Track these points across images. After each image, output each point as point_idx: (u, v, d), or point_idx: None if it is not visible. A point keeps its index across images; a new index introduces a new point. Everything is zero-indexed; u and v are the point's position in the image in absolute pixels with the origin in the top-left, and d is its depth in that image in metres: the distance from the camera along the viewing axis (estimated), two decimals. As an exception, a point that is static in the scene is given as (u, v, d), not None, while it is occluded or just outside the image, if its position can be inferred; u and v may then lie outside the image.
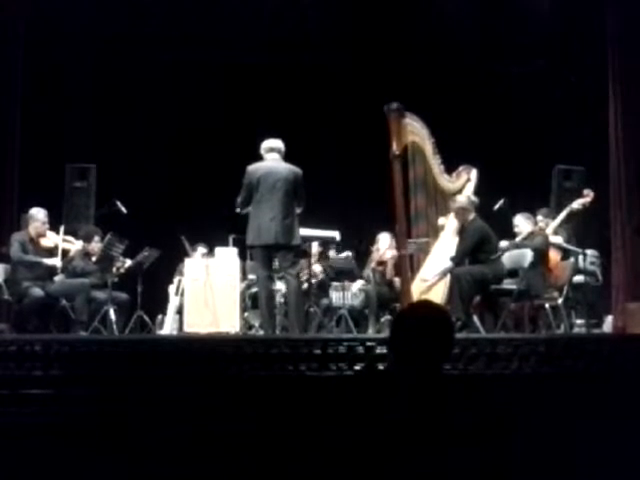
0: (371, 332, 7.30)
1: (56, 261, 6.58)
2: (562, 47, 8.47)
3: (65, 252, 6.71)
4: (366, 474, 2.18)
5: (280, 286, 6.94)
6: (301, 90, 8.72)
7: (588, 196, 7.05)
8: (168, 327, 7.61)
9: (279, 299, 7.03)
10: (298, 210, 6.01)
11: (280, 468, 3.04)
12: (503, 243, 6.56)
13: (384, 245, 7.75)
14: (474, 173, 6.41)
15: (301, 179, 5.93)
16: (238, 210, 6.05)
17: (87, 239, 7.00)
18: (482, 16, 8.46)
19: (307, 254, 6.98)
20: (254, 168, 5.93)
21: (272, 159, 5.98)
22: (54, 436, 3.19)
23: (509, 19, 8.44)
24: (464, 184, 6.37)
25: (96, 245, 7.03)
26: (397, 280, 7.29)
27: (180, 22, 8.46)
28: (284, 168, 5.93)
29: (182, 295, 7.47)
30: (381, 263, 7.73)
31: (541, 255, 6.50)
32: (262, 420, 3.39)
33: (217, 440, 3.27)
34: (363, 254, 8.00)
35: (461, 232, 6.24)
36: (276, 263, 6.20)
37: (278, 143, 6.03)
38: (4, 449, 3.03)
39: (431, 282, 6.13)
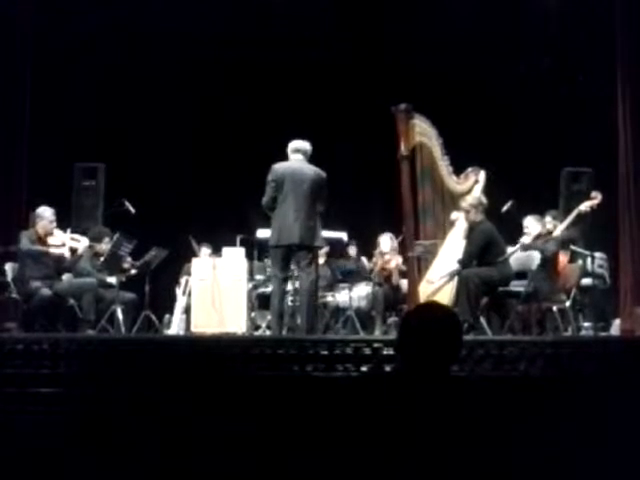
0: (378, 333, 7.30)
1: (64, 250, 6.61)
2: (570, 46, 8.43)
3: (72, 250, 6.73)
4: (371, 474, 2.18)
5: (289, 287, 6.93)
6: (308, 90, 8.72)
7: (596, 198, 7.03)
8: (175, 327, 7.63)
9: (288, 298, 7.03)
10: (320, 209, 6.00)
11: (286, 468, 3.04)
12: (510, 249, 6.51)
13: (385, 247, 7.76)
14: (482, 175, 6.40)
15: (325, 182, 5.91)
16: (267, 211, 5.92)
17: (97, 239, 7.00)
18: (489, 14, 8.45)
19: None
20: (280, 167, 5.88)
21: (296, 160, 5.95)
22: (61, 434, 3.20)
23: (516, 17, 8.42)
24: (472, 186, 6.36)
25: (106, 246, 7.02)
26: (403, 282, 7.29)
27: (189, 19, 8.47)
28: (309, 169, 5.90)
29: (189, 295, 7.48)
30: (385, 269, 7.73)
31: (550, 258, 6.48)
32: (268, 420, 3.39)
33: (223, 440, 3.27)
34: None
35: (469, 234, 6.23)
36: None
37: (305, 145, 5.99)
38: (12, 447, 3.04)
39: (438, 284, 6.12)
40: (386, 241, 7.79)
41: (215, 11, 8.43)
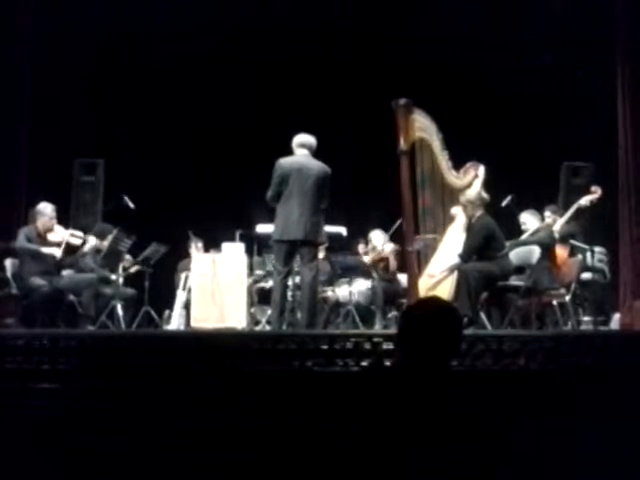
0: (378, 328, 7.30)
1: (55, 251, 6.59)
2: (571, 41, 8.42)
3: (72, 247, 6.72)
4: (370, 469, 2.18)
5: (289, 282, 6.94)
6: (308, 84, 8.71)
7: (596, 193, 7.03)
8: (175, 322, 7.63)
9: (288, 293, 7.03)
10: (322, 206, 6.00)
11: (285, 463, 3.05)
12: (508, 244, 6.52)
13: (378, 242, 7.77)
14: (482, 169, 6.38)
15: (330, 178, 5.92)
16: (272, 206, 5.93)
17: (101, 237, 6.98)
18: (490, 9, 8.44)
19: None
20: (286, 162, 5.88)
21: (302, 154, 5.94)
22: (61, 429, 3.20)
23: (518, 12, 8.41)
24: (472, 180, 6.34)
25: (106, 243, 6.99)
26: (401, 275, 7.30)
27: (187, 15, 8.45)
28: (315, 165, 5.90)
29: (189, 290, 7.49)
30: (382, 259, 7.75)
31: (548, 249, 6.49)
32: (268, 415, 3.39)
33: (223, 435, 3.27)
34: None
35: (468, 228, 6.23)
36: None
37: (310, 139, 5.99)
38: (12, 442, 3.04)
39: (438, 278, 6.12)
40: (377, 235, 7.82)
41: (216, 6, 8.42)
